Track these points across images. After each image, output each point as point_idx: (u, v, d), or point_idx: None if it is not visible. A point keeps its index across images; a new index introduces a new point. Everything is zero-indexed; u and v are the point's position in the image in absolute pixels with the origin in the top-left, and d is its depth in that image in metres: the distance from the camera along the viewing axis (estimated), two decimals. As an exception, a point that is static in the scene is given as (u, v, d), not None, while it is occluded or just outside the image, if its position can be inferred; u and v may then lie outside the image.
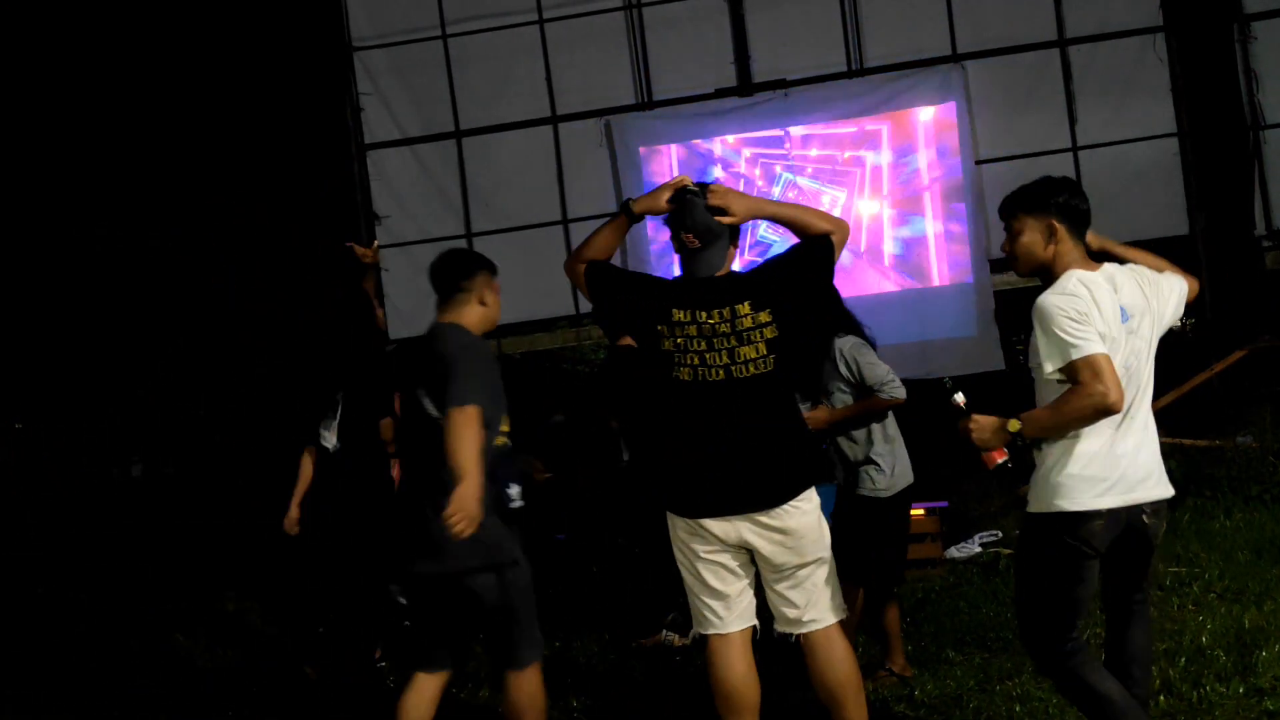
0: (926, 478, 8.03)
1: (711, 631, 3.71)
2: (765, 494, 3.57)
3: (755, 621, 3.76)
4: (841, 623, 3.74)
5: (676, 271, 3.79)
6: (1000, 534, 7.14)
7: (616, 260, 4.00)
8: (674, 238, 3.70)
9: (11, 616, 8.18)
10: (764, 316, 3.55)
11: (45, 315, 11.26)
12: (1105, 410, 3.15)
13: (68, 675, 6.37)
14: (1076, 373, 3.16)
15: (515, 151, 10.63)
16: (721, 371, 3.55)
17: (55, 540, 9.63)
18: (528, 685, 3.78)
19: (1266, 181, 9.70)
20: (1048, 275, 3.39)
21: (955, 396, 3.44)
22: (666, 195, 3.65)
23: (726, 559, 3.66)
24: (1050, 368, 3.22)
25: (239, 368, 10.09)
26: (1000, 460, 3.33)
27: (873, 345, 4.90)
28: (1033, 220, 3.40)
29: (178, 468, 10.44)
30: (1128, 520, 3.29)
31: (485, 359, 3.80)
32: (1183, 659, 4.49)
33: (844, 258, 9.86)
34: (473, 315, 3.87)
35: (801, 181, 10.20)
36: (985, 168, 9.75)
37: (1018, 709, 4.28)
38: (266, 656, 6.12)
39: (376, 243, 5.68)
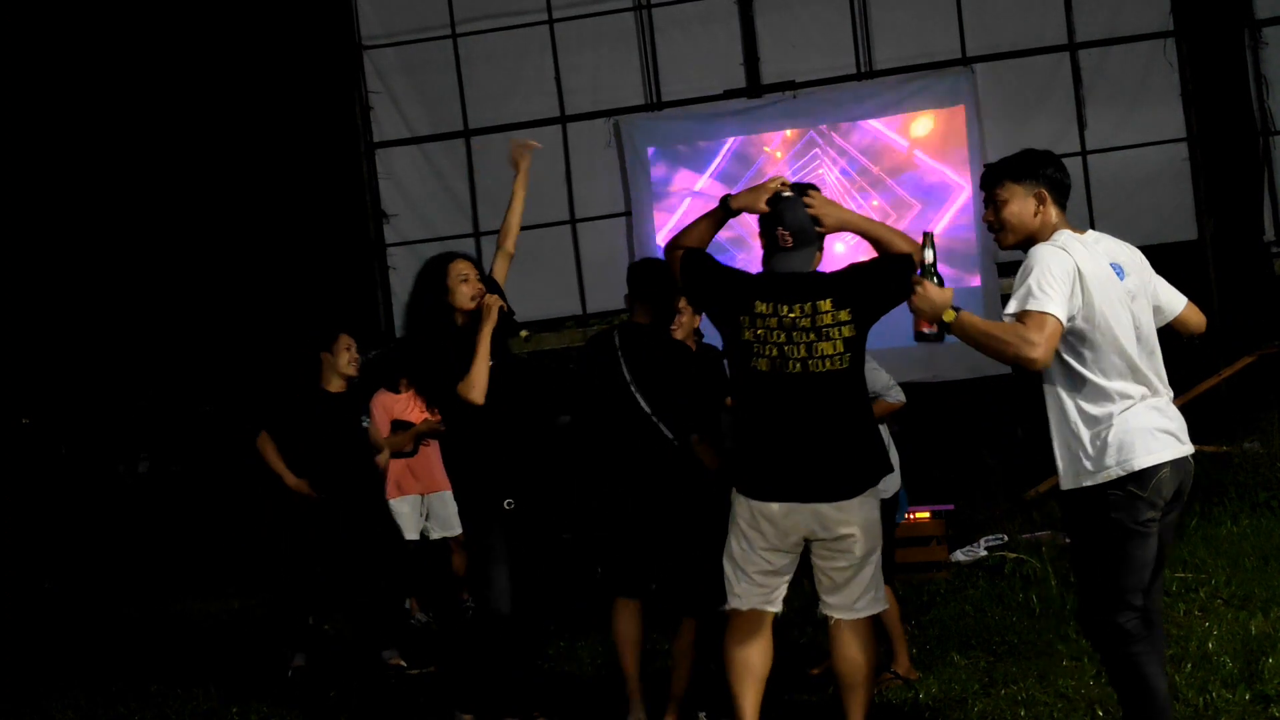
0: (933, 481, 8.05)
1: (738, 607, 3.80)
2: (831, 486, 3.67)
3: (781, 608, 3.85)
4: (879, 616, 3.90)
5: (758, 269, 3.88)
6: (1005, 538, 7.12)
7: (625, 258, 4.03)
8: (766, 232, 3.78)
9: (18, 611, 8.20)
10: (844, 315, 3.65)
11: (53, 311, 11.28)
12: (1025, 360, 3.19)
13: (73, 669, 6.38)
14: (1024, 320, 3.20)
15: (523, 150, 10.63)
16: (799, 365, 3.65)
17: (61, 536, 9.66)
18: (688, 635, 4.30)
19: (1276, 187, 9.70)
20: (1033, 244, 3.39)
21: (925, 252, 3.45)
22: (765, 197, 3.75)
23: (776, 558, 3.75)
24: (1009, 309, 3.25)
25: (246, 365, 10.10)
26: (926, 330, 3.37)
27: None
28: (1021, 189, 3.40)
29: (184, 465, 10.45)
30: (1183, 472, 3.31)
31: None
32: (1189, 665, 4.47)
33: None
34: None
35: (830, 176, 10.18)
36: (993, 171, 9.72)
37: (1022, 713, 4.27)
38: (268, 653, 6.12)
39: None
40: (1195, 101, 9.74)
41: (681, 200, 10.45)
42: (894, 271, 3.67)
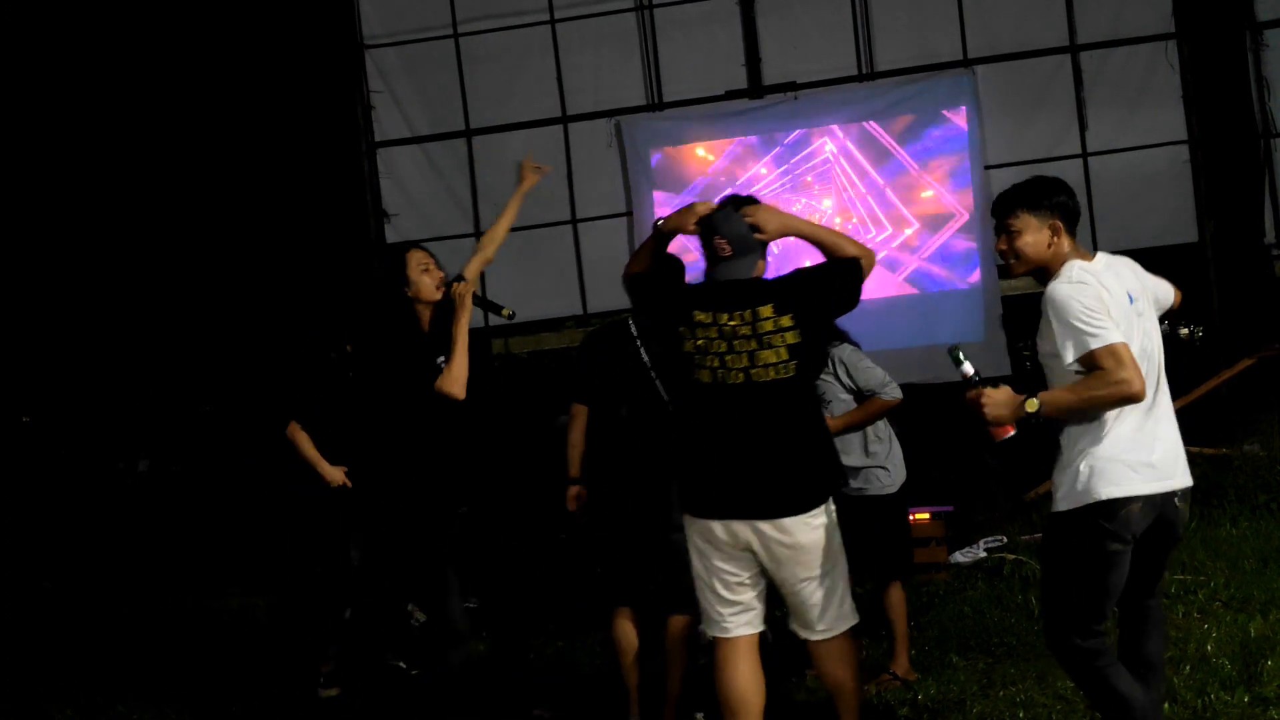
0: (932, 482, 8.05)
1: (718, 635, 3.71)
2: (775, 503, 3.54)
3: (764, 628, 3.76)
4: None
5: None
6: (1005, 539, 7.12)
7: (626, 259, 4.01)
8: (705, 244, 3.70)
9: (17, 610, 8.20)
10: (786, 320, 3.52)
11: (54, 310, 11.28)
12: (1130, 398, 3.14)
13: (71, 669, 6.39)
14: (1098, 361, 3.13)
15: (525, 150, 10.60)
16: (741, 374, 3.53)
17: (60, 535, 9.65)
18: (679, 631, 4.31)
19: (1276, 190, 9.70)
20: (1044, 273, 3.38)
21: (964, 366, 3.37)
22: (692, 219, 3.69)
23: (737, 568, 3.64)
24: (1070, 358, 3.18)
25: (247, 364, 10.10)
26: (1008, 435, 3.30)
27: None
28: (1035, 220, 3.38)
29: (184, 465, 10.44)
30: (1161, 507, 3.28)
31: None
32: (1187, 667, 4.48)
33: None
34: None
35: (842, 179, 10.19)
36: (994, 173, 9.74)
37: (1020, 715, 4.28)
38: (269, 653, 6.12)
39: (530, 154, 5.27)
40: (1196, 104, 9.74)
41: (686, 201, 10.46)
42: (838, 275, 3.61)
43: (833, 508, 3.65)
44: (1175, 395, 3.46)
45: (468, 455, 4.36)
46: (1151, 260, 3.56)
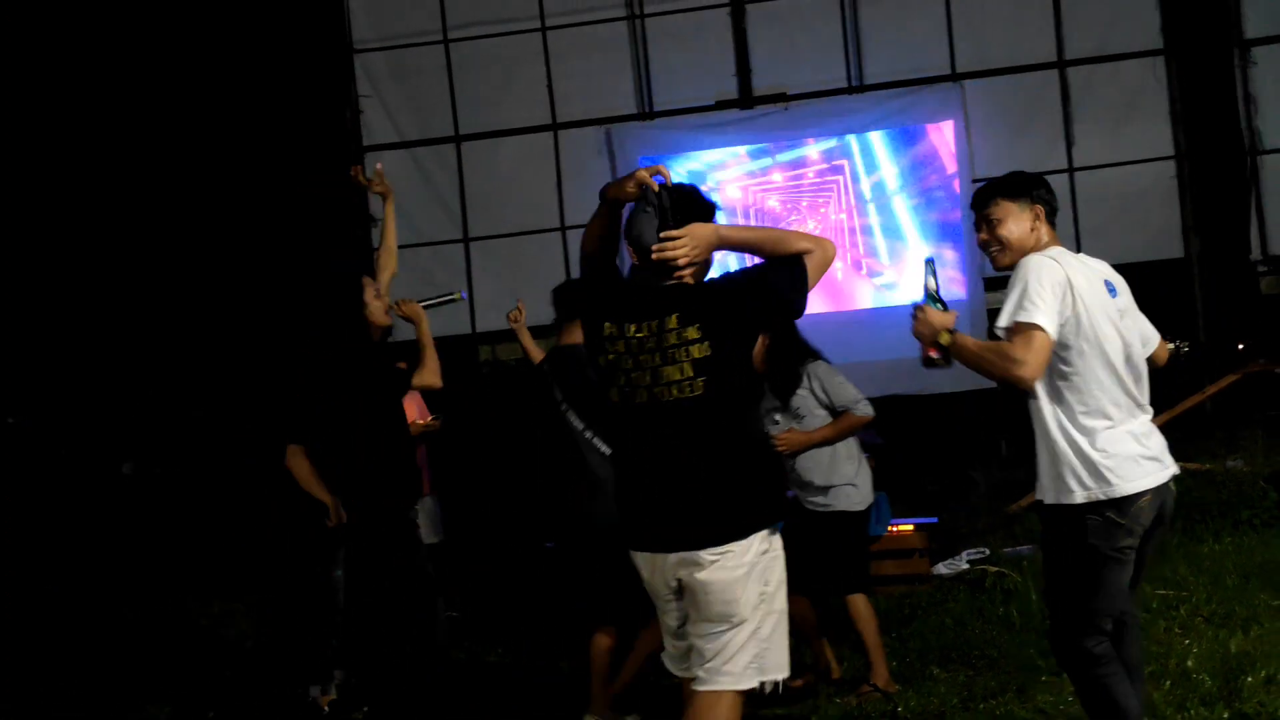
0: (915, 494, 8.05)
1: (679, 673, 3.26)
2: (685, 534, 3.07)
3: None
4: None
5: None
6: (988, 551, 7.12)
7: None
8: (626, 248, 3.26)
9: (8, 613, 8.13)
10: (691, 333, 3.04)
11: (43, 312, 11.22)
12: (1015, 379, 3.19)
13: (42, 673, 6.33)
14: (1014, 334, 3.19)
15: (514, 157, 10.64)
16: (645, 393, 3.09)
17: (37, 537, 9.59)
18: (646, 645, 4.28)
19: (1263, 206, 9.75)
20: None
21: (926, 280, 3.41)
22: (631, 185, 3.17)
23: (669, 611, 3.20)
24: (1003, 321, 3.23)
25: (234, 368, 10.06)
26: (932, 356, 3.35)
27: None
28: (1015, 206, 3.40)
29: (170, 468, 10.39)
30: (1163, 497, 3.31)
31: None
32: (1168, 682, 4.47)
33: (840, 276, 9.83)
34: None
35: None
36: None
37: (1001, 728, 4.28)
38: (244, 661, 6.08)
39: (380, 166, 5.38)
40: (1184, 120, 9.80)
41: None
42: (768, 276, 3.11)
43: (770, 554, 3.11)
44: (1160, 410, 3.48)
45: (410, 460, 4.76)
46: (1138, 276, 3.59)
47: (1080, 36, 9.94)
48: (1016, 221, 3.39)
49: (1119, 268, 3.59)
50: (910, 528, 6.69)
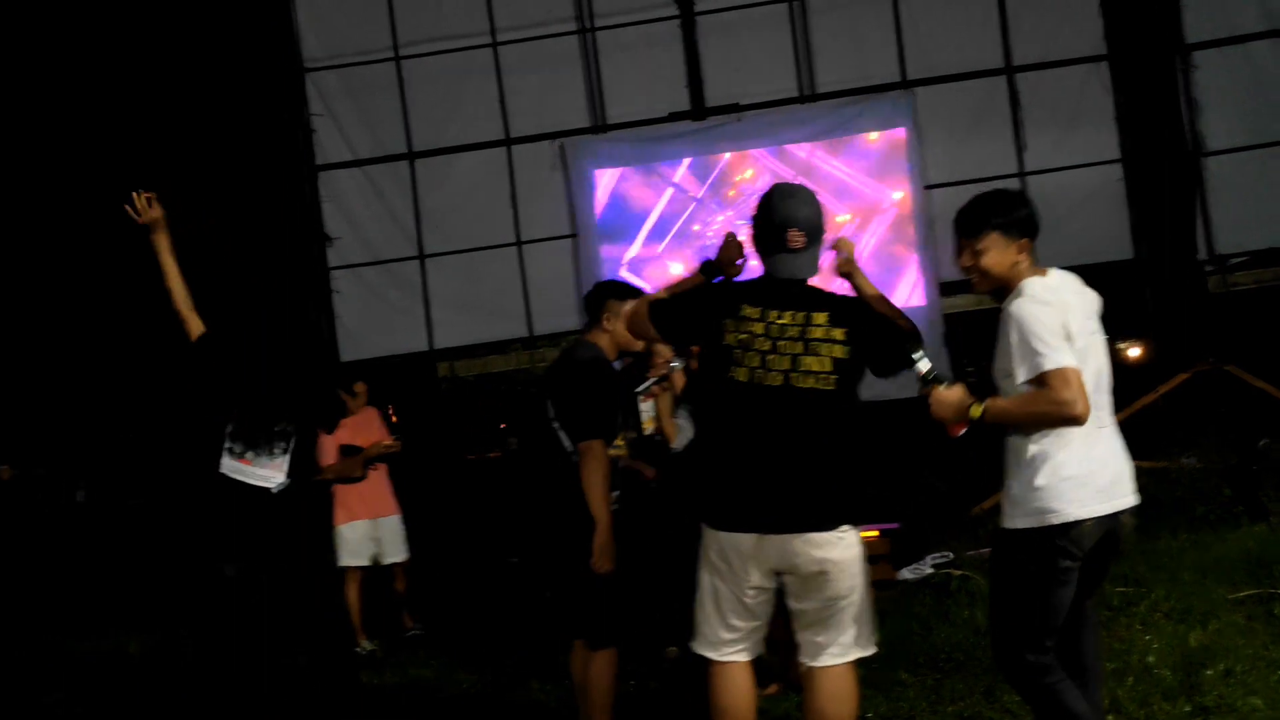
0: (877, 500, 8.05)
1: (712, 657, 3.52)
2: (810, 516, 3.35)
3: (763, 651, 3.62)
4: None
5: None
6: (951, 555, 7.17)
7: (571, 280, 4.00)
8: (772, 236, 3.46)
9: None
10: (839, 333, 3.36)
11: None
12: (1071, 420, 3.16)
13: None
14: (1047, 381, 3.16)
15: (468, 173, 10.61)
16: (780, 376, 3.34)
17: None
18: (600, 665, 4.17)
19: (1208, 207, 9.89)
20: (1003, 292, 3.37)
21: (919, 364, 3.38)
22: (737, 255, 3.59)
23: (750, 597, 3.44)
24: (1022, 378, 3.21)
25: (180, 390, 9.94)
26: (961, 433, 3.34)
27: None
28: (1003, 239, 3.35)
29: (89, 493, 10.20)
30: (1110, 524, 3.31)
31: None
32: (1130, 678, 4.53)
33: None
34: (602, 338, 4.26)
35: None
36: (934, 192, 9.88)
37: (969, 730, 4.30)
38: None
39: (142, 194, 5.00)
40: (1129, 124, 9.93)
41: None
42: (895, 336, 3.48)
43: (857, 531, 3.47)
44: (1114, 410, 3.50)
45: None
46: (1090, 277, 3.59)
47: (1026, 43, 10.06)
48: (1001, 254, 3.35)
49: (1070, 269, 3.63)
50: (874, 533, 6.70)
